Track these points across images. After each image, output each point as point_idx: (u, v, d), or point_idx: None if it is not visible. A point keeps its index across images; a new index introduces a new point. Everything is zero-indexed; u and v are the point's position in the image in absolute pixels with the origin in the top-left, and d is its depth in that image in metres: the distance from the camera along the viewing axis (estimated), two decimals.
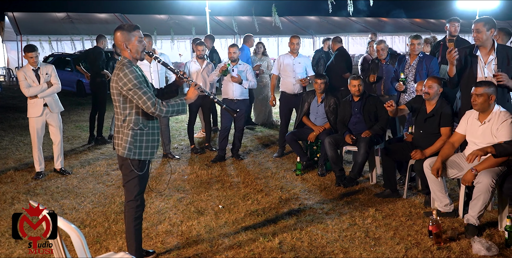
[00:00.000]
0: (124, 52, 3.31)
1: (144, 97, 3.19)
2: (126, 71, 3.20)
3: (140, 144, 3.35)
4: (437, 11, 34.43)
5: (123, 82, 3.18)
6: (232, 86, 6.50)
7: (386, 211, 4.62)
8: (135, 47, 3.30)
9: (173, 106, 3.31)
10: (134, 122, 3.31)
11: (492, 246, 3.63)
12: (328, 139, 5.56)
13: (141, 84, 3.20)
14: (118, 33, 3.27)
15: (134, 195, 3.43)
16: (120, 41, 3.28)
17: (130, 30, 3.28)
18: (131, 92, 3.19)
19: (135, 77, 3.19)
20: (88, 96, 14.33)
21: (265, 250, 3.83)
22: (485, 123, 4.10)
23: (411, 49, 5.74)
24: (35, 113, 5.85)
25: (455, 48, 4.51)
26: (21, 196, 5.26)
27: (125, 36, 3.27)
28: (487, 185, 3.82)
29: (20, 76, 5.77)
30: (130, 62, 3.29)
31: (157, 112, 3.22)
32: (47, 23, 22.21)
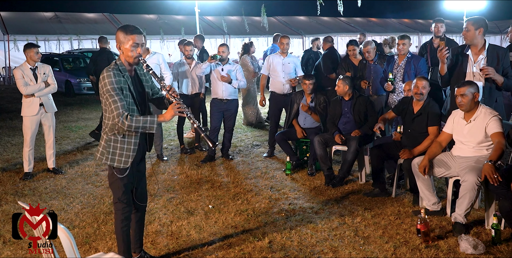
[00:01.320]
0: (120, 54, 3.20)
1: (113, 105, 3.05)
2: (105, 74, 3.08)
3: (114, 150, 3.21)
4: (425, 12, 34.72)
5: (101, 84, 3.08)
6: (222, 86, 6.49)
7: (375, 210, 4.65)
8: (127, 51, 3.13)
9: (140, 122, 3.08)
10: (110, 128, 3.19)
11: (479, 244, 3.67)
12: (318, 138, 5.60)
13: (115, 91, 3.05)
14: (118, 32, 3.16)
15: (117, 197, 3.34)
16: (117, 41, 3.17)
17: (128, 32, 3.12)
18: (105, 96, 3.07)
19: (111, 83, 3.05)
20: (77, 97, 14.28)
21: (255, 249, 3.84)
22: (471, 122, 4.16)
23: (398, 49, 5.81)
24: (31, 112, 5.82)
25: (446, 46, 4.56)
26: (9, 197, 5.21)
27: (122, 37, 3.14)
28: (472, 183, 3.87)
29: (18, 74, 5.75)
30: (118, 65, 3.16)
31: (119, 124, 3.06)
32: (35, 23, 22.03)
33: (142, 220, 3.63)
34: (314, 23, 28.59)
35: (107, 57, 7.59)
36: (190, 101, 7.01)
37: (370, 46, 6.37)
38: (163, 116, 3.15)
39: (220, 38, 23.49)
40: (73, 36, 21.42)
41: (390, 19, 32.50)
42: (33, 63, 5.79)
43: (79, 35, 21.39)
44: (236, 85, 6.56)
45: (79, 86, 14.60)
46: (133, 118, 3.06)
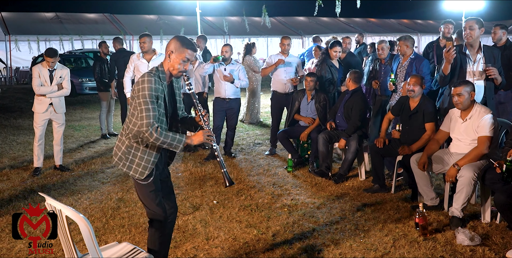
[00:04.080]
0: (165, 60, 3.03)
1: (145, 113, 2.85)
2: (146, 78, 2.88)
3: (133, 158, 3.01)
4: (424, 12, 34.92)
5: (137, 87, 2.88)
6: (224, 85, 6.63)
7: (374, 205, 4.80)
8: (176, 62, 2.98)
9: (168, 138, 2.91)
10: (134, 134, 2.96)
11: (475, 237, 3.82)
12: (323, 135, 5.76)
13: (151, 98, 2.85)
14: (174, 40, 3.01)
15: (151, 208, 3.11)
16: (169, 48, 3.01)
17: (185, 45, 2.98)
18: (137, 101, 2.87)
19: (150, 89, 2.85)
20: (79, 97, 14.41)
21: (259, 242, 3.98)
22: (467, 120, 4.32)
23: (398, 50, 5.92)
24: (40, 110, 6.00)
25: (453, 47, 4.70)
26: (18, 193, 5.35)
27: (177, 47, 2.98)
28: (469, 178, 4.02)
29: (35, 72, 5.90)
30: (159, 72, 2.98)
31: (147, 134, 2.86)
32: (36, 23, 22.17)
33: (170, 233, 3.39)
34: (313, 23, 28.76)
35: (123, 59, 7.65)
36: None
37: (384, 44, 6.47)
38: (191, 138, 3.01)
39: (220, 39, 23.64)
40: (74, 36, 21.55)
41: (389, 20, 32.65)
42: (50, 67, 5.93)
43: (80, 35, 21.51)
44: (239, 84, 6.69)
45: (81, 86, 14.74)
46: (162, 132, 2.89)
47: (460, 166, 4.17)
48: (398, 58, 6.03)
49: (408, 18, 33.77)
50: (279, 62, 6.79)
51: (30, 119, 9.18)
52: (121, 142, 3.08)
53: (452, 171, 4.22)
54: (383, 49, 6.46)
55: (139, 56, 6.54)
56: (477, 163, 4.15)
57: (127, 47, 21.83)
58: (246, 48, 9.22)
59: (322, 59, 6.66)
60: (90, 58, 17.34)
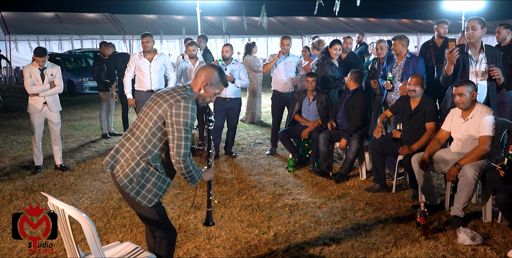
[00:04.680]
0: (196, 87, 2.89)
1: (183, 142, 2.70)
2: (191, 105, 2.72)
3: (145, 182, 2.80)
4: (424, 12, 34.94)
5: (177, 112, 2.69)
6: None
7: (376, 204, 4.80)
8: (208, 94, 2.92)
9: (196, 171, 2.84)
10: (154, 158, 2.79)
11: (476, 236, 3.82)
12: (323, 134, 5.76)
13: (190, 128, 2.75)
14: (214, 72, 2.91)
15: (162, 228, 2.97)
16: (207, 78, 2.89)
17: (222, 81, 2.95)
18: (176, 127, 2.70)
19: (192, 118, 2.74)
20: (79, 96, 14.40)
21: (261, 241, 3.98)
22: (468, 120, 4.32)
23: (393, 49, 5.93)
24: (35, 110, 6.01)
25: (456, 47, 4.69)
26: (19, 193, 5.35)
27: (215, 81, 2.91)
28: (470, 177, 4.02)
29: (26, 73, 5.91)
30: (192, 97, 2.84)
31: (181, 165, 2.73)
32: (36, 23, 22.17)
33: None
34: (313, 23, 28.77)
35: (123, 59, 7.64)
36: None
37: (383, 43, 6.50)
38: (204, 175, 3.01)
39: (220, 38, 23.65)
40: (74, 36, 21.55)
41: (389, 19, 32.66)
42: (41, 66, 5.93)
43: (80, 35, 21.51)
44: (239, 84, 6.69)
45: (81, 86, 14.71)
46: (193, 163, 2.80)
47: (461, 166, 4.17)
48: (393, 58, 6.02)
49: (408, 18, 33.80)
50: (280, 54, 6.79)
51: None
52: (136, 162, 2.79)
53: (453, 171, 4.22)
54: (382, 48, 6.48)
55: (141, 55, 6.54)
56: (478, 162, 4.16)
57: (127, 47, 21.85)
58: (246, 48, 9.23)
59: (322, 57, 6.67)
60: (90, 58, 17.33)
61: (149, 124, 2.78)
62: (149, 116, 2.80)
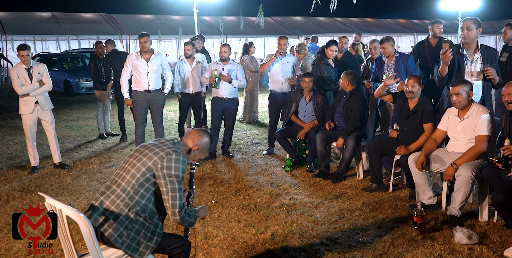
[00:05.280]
0: (187, 147, 2.93)
1: (177, 193, 2.73)
2: (181, 158, 2.76)
3: (135, 235, 2.73)
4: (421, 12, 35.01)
5: (168, 165, 2.72)
6: (222, 85, 6.63)
7: (373, 204, 4.81)
8: (196, 158, 3.01)
9: (192, 217, 2.87)
10: (142, 209, 2.75)
11: (473, 235, 3.84)
12: (320, 134, 5.77)
13: (182, 180, 2.78)
14: (207, 139, 2.97)
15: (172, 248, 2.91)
16: (199, 143, 2.95)
17: (209, 149, 3.07)
18: (169, 179, 2.72)
19: (183, 171, 2.77)
20: (76, 96, 14.36)
21: (258, 241, 3.98)
22: (464, 119, 4.34)
23: (382, 52, 5.95)
24: (27, 111, 6.01)
25: (449, 48, 4.71)
26: (15, 193, 5.34)
27: (205, 148, 3.00)
28: (467, 177, 4.04)
29: (13, 74, 5.91)
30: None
31: (177, 217, 2.75)
32: (32, 23, 22.05)
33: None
34: (310, 23, 28.76)
35: (119, 59, 7.62)
36: (191, 100, 7.16)
37: (376, 43, 6.52)
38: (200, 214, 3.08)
39: (217, 39, 23.63)
40: (71, 36, 21.47)
41: (386, 20, 32.68)
42: (27, 63, 5.92)
43: (77, 35, 21.44)
44: (236, 84, 6.70)
45: (77, 86, 14.68)
46: (187, 211, 2.84)
47: (458, 165, 4.19)
48: (382, 60, 6.02)
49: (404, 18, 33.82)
50: (277, 54, 6.80)
51: None
52: (125, 215, 2.72)
53: (450, 170, 4.24)
54: (375, 48, 6.51)
55: (138, 55, 6.53)
56: (474, 162, 4.17)
57: (124, 47, 21.79)
58: (244, 48, 9.24)
59: (319, 58, 6.68)
60: (87, 58, 17.28)
61: (137, 175, 2.75)
62: (136, 168, 2.76)
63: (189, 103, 7.22)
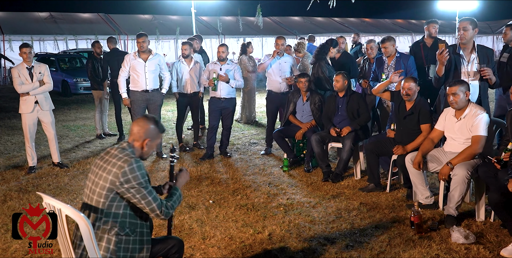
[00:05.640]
0: (137, 143, 2.82)
1: (149, 197, 2.66)
2: (134, 166, 2.66)
3: (124, 253, 2.68)
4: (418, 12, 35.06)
5: (126, 178, 2.63)
6: (220, 85, 6.64)
7: (370, 204, 4.82)
8: (151, 148, 2.89)
9: (175, 202, 2.84)
10: (120, 227, 2.68)
11: (469, 235, 3.85)
12: (315, 136, 5.77)
13: (147, 184, 2.69)
14: (150, 126, 2.81)
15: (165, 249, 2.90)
16: (146, 135, 2.81)
17: (161, 130, 2.90)
18: (134, 190, 2.64)
19: (142, 175, 2.67)
20: (73, 96, 14.35)
21: (256, 241, 3.99)
22: (461, 119, 4.35)
23: (383, 52, 5.95)
24: (26, 110, 6.02)
25: (446, 49, 4.72)
26: (13, 193, 5.33)
27: (154, 135, 2.85)
28: (463, 176, 4.06)
29: (14, 73, 5.94)
30: (134, 154, 2.79)
31: (163, 216, 2.71)
32: (30, 23, 22.02)
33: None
34: (308, 23, 28.80)
35: (117, 59, 7.61)
36: (189, 100, 7.16)
37: (373, 43, 6.53)
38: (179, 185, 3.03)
39: (215, 39, 23.63)
40: (69, 36, 21.45)
41: (384, 20, 32.73)
42: (28, 63, 5.96)
43: (74, 35, 21.42)
44: (234, 84, 6.70)
45: (75, 86, 14.66)
46: (171, 200, 2.81)
47: (454, 165, 4.20)
48: (382, 60, 6.02)
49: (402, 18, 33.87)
50: (275, 54, 6.80)
51: None
52: (107, 241, 2.66)
53: (445, 169, 4.24)
54: (372, 48, 6.51)
55: (136, 55, 6.54)
56: (470, 161, 4.19)
57: (121, 47, 21.76)
58: (242, 48, 9.26)
59: (319, 57, 6.65)
60: (85, 58, 17.25)
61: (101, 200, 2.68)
62: (100, 187, 2.68)
63: (187, 103, 7.23)
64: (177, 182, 3.06)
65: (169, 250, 2.90)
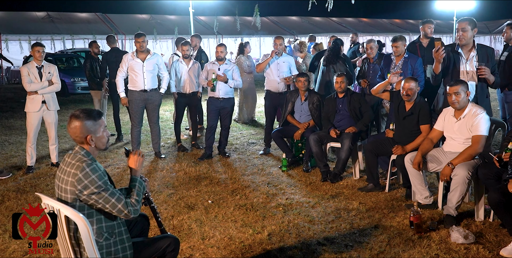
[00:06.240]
0: (85, 144, 2.70)
1: (112, 199, 2.57)
2: (87, 170, 2.54)
3: (109, 257, 2.65)
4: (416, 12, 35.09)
5: (83, 185, 2.52)
6: (218, 85, 6.62)
7: (369, 204, 4.82)
8: (102, 139, 2.75)
9: (139, 194, 2.74)
10: (98, 234, 2.61)
11: (469, 235, 3.85)
12: (313, 136, 5.76)
13: (106, 185, 2.58)
14: (79, 123, 2.65)
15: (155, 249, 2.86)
16: (83, 133, 2.66)
17: (97, 117, 2.72)
18: (95, 196, 2.54)
19: (99, 177, 2.56)
20: (71, 96, 14.31)
21: (255, 241, 3.98)
22: (461, 119, 4.35)
23: (393, 51, 5.94)
24: (33, 109, 6.07)
25: (442, 46, 4.72)
26: (11, 193, 5.31)
27: (92, 127, 2.68)
28: (463, 177, 4.05)
29: (24, 71, 6.02)
30: (89, 155, 2.69)
31: (132, 215, 2.62)
32: (27, 23, 21.95)
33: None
34: (306, 23, 28.81)
35: (116, 58, 7.58)
36: (187, 100, 7.15)
37: (373, 43, 6.54)
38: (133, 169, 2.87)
39: (212, 38, 23.61)
40: (66, 36, 21.40)
41: (381, 20, 32.77)
42: (39, 62, 6.04)
43: (72, 35, 21.38)
44: (232, 84, 6.69)
45: (73, 86, 14.64)
46: (133, 195, 2.72)
47: (455, 165, 4.20)
48: (390, 58, 6.02)
49: (400, 18, 33.92)
50: (273, 54, 6.81)
51: (22, 119, 9.14)
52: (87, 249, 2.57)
53: (446, 170, 4.24)
54: (371, 48, 6.52)
55: (133, 55, 6.52)
56: (471, 162, 4.19)
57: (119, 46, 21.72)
58: (239, 48, 9.24)
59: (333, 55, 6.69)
60: (82, 57, 17.22)
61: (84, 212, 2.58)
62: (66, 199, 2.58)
63: (185, 103, 7.22)
64: (131, 171, 2.86)
65: (165, 249, 2.88)
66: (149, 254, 2.83)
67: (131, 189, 2.76)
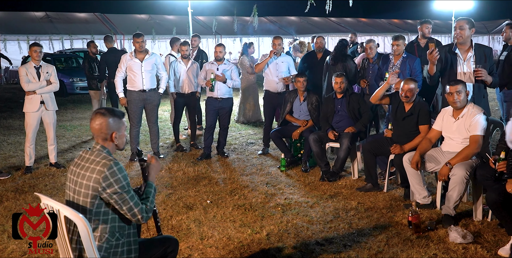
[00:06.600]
0: (107, 141, 2.69)
1: (131, 202, 2.58)
2: (114, 169, 2.56)
3: (114, 257, 2.65)
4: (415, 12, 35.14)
5: (108, 183, 2.53)
6: (217, 85, 6.63)
7: (368, 203, 4.82)
8: (123, 137, 2.76)
9: (153, 202, 2.77)
10: (110, 232, 2.61)
11: (467, 234, 3.86)
12: (313, 136, 5.77)
13: (129, 187, 2.60)
14: (106, 120, 2.65)
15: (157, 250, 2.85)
16: (109, 129, 2.67)
17: (120, 116, 2.73)
18: (116, 196, 2.55)
19: (124, 178, 2.58)
20: (70, 96, 14.30)
21: (254, 241, 3.98)
22: (459, 119, 4.36)
23: (394, 49, 5.94)
24: (32, 109, 6.06)
25: (436, 48, 4.73)
26: (9, 194, 5.30)
27: (116, 125, 2.69)
28: (461, 177, 4.06)
29: (22, 71, 6.02)
30: (111, 154, 2.69)
31: (143, 221, 2.64)
32: (26, 23, 21.96)
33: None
34: (304, 23, 28.83)
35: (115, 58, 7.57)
36: (186, 100, 7.15)
37: (372, 43, 6.55)
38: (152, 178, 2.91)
39: (211, 38, 23.62)
40: (65, 36, 21.40)
41: (380, 20, 32.80)
42: (37, 62, 6.05)
43: (70, 35, 21.37)
44: (231, 84, 6.70)
45: (72, 86, 14.63)
46: (147, 202, 2.72)
47: (453, 165, 4.21)
48: (389, 58, 6.03)
49: (398, 18, 33.97)
50: (271, 54, 6.81)
51: (21, 119, 9.13)
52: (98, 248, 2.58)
53: (444, 170, 4.25)
54: (371, 48, 6.53)
55: (132, 55, 6.52)
56: (469, 161, 4.20)
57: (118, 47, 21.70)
58: (243, 48, 9.28)
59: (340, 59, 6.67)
60: (81, 57, 17.21)
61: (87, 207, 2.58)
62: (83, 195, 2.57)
63: (184, 103, 7.22)
64: (149, 176, 2.89)
65: (165, 250, 2.88)
66: (150, 255, 2.83)
67: (147, 195, 2.77)
